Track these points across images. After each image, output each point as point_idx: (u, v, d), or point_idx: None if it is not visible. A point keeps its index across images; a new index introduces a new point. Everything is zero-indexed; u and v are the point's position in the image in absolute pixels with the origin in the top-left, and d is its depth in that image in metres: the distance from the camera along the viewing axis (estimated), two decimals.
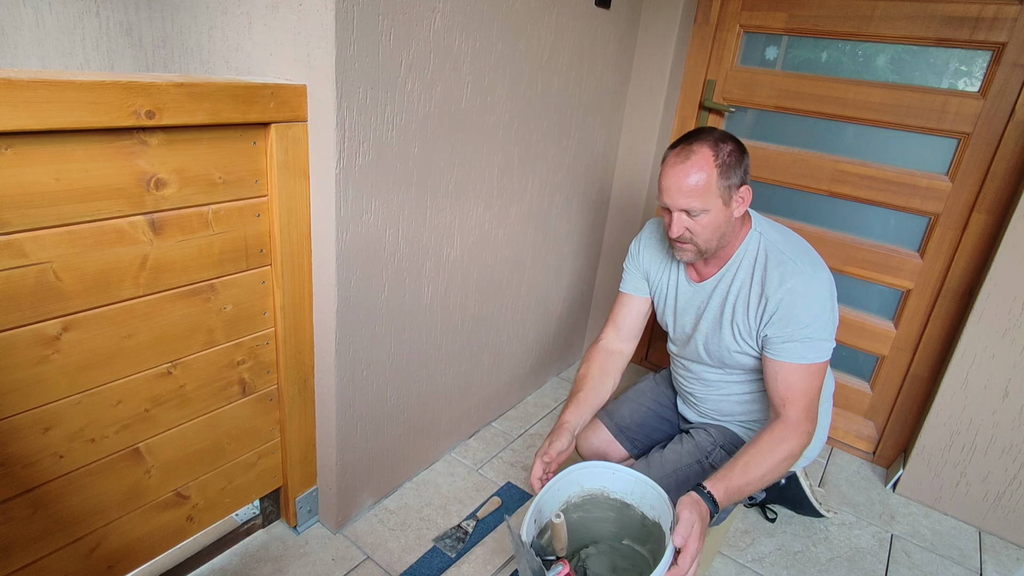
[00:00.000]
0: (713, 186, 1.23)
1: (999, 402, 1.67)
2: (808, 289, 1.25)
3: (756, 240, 1.35)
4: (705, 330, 1.42)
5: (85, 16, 1.55)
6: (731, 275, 1.36)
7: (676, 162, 1.25)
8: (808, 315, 1.25)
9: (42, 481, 1.02)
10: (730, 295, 1.36)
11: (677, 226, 1.28)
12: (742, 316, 1.34)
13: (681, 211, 1.26)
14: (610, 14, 1.85)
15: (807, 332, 1.25)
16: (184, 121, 1.00)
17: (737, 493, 1.21)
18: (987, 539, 1.75)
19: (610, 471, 1.37)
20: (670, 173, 1.25)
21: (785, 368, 1.28)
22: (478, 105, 1.47)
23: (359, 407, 1.46)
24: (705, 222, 1.26)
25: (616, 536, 1.44)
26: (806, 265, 1.28)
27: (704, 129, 1.28)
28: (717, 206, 1.25)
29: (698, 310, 1.43)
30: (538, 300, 2.05)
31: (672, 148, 1.28)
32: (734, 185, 1.25)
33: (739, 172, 1.25)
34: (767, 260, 1.31)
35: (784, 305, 1.26)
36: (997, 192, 1.66)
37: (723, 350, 1.40)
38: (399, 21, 1.19)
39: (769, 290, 1.28)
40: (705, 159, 1.22)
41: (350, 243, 1.27)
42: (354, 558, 1.48)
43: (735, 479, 1.21)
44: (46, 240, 0.92)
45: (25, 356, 0.94)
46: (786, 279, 1.26)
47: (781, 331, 1.27)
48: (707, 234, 1.28)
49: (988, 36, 1.62)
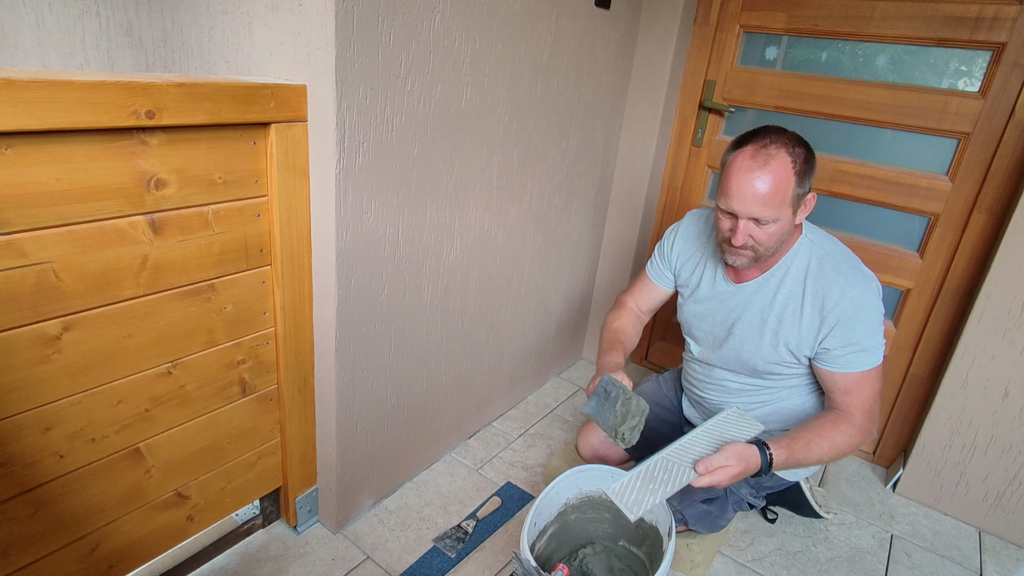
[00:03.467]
0: (789, 195, 1.15)
1: (999, 402, 1.67)
2: (868, 300, 1.23)
3: (807, 248, 1.29)
4: (740, 335, 1.37)
5: (85, 16, 1.55)
6: (776, 281, 1.31)
7: (753, 167, 1.14)
8: (869, 326, 1.23)
9: (42, 481, 1.02)
10: (776, 303, 1.31)
11: (742, 234, 1.19)
12: (791, 327, 1.29)
13: (751, 219, 1.18)
14: (610, 14, 1.85)
15: (868, 342, 1.24)
16: (184, 121, 1.00)
17: (793, 464, 1.23)
18: (987, 539, 1.75)
19: (608, 474, 1.37)
20: (744, 178, 1.14)
21: (848, 378, 1.27)
22: (478, 106, 1.47)
23: (359, 407, 1.47)
24: (772, 231, 1.19)
25: (612, 537, 1.44)
26: (861, 276, 1.25)
27: (773, 129, 1.18)
28: (787, 215, 1.18)
29: (733, 313, 1.38)
30: (538, 300, 2.05)
31: (740, 147, 1.17)
32: (805, 193, 1.19)
33: (811, 178, 1.20)
34: (822, 270, 1.26)
35: (848, 317, 1.22)
36: (997, 192, 1.66)
37: (758, 358, 1.36)
38: (399, 21, 1.19)
39: (830, 301, 1.23)
40: (784, 166, 1.13)
41: (350, 243, 1.27)
42: (354, 558, 1.48)
43: (798, 451, 1.22)
44: (46, 240, 0.92)
45: (25, 356, 0.94)
46: (847, 290, 1.22)
47: (844, 342, 1.24)
48: (770, 242, 1.22)
49: (988, 36, 1.62)
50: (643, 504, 1.13)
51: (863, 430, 1.27)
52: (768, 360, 1.35)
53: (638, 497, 1.15)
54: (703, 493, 1.44)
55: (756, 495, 1.50)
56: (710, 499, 1.45)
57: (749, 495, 1.48)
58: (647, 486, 1.16)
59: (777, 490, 1.54)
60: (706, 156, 2.17)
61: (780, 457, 1.20)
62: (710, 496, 1.45)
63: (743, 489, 1.47)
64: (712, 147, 2.15)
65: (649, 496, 1.15)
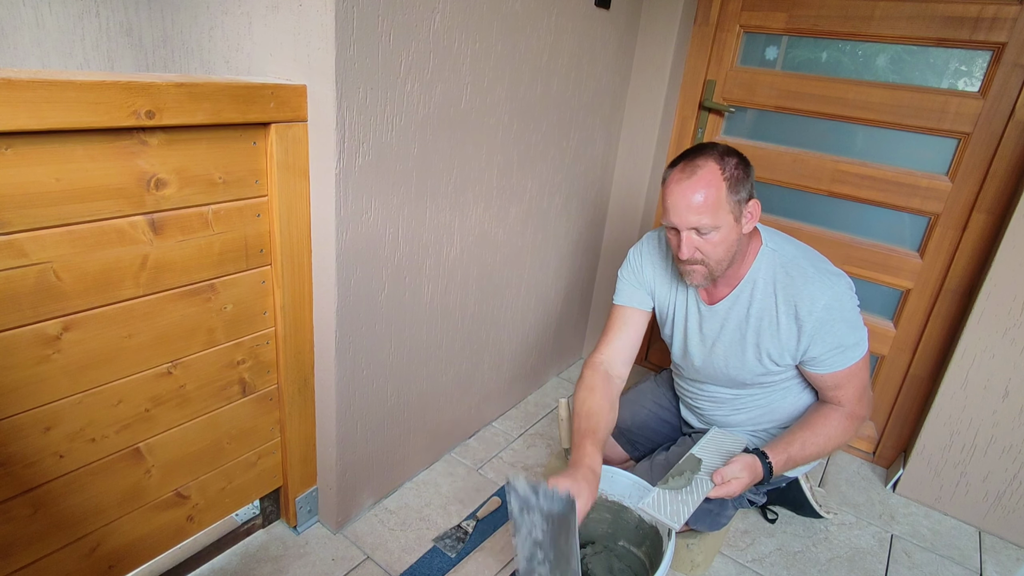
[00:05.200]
0: (723, 201, 1.18)
1: (999, 402, 1.67)
2: (841, 301, 1.24)
3: (769, 257, 1.30)
4: (723, 354, 1.38)
5: (85, 16, 1.55)
6: (747, 295, 1.32)
7: (682, 178, 1.19)
8: (847, 324, 1.25)
9: (43, 481, 1.02)
10: (751, 317, 1.32)
11: (688, 247, 1.21)
12: (771, 339, 1.30)
13: (691, 230, 1.20)
14: (610, 15, 1.85)
15: (850, 339, 1.26)
16: (184, 121, 1.00)
17: (793, 465, 1.29)
18: (987, 539, 1.75)
19: (608, 474, 1.37)
20: (675, 190, 1.19)
21: (837, 376, 1.29)
22: (478, 106, 1.47)
23: (359, 407, 1.47)
24: (716, 240, 1.20)
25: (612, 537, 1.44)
26: (827, 276, 1.26)
27: (704, 145, 1.24)
28: (728, 222, 1.20)
29: (712, 334, 1.39)
30: (538, 299, 2.05)
31: (673, 166, 1.23)
32: (743, 200, 1.21)
33: (747, 186, 1.21)
34: (790, 277, 1.27)
35: (824, 323, 1.24)
36: (997, 192, 1.66)
37: (744, 373, 1.38)
38: (399, 22, 1.19)
39: (803, 311, 1.25)
40: (712, 173, 1.17)
41: (350, 243, 1.27)
42: (354, 558, 1.48)
43: (795, 452, 1.28)
44: (46, 240, 0.92)
45: (25, 356, 0.94)
46: (817, 297, 1.23)
47: (826, 347, 1.26)
48: (719, 253, 1.22)
49: (988, 36, 1.62)
50: (681, 514, 1.21)
51: (856, 417, 1.31)
52: (754, 373, 1.37)
53: (676, 508, 1.23)
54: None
55: (756, 492, 1.50)
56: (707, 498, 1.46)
57: (749, 492, 1.49)
58: (678, 499, 1.26)
59: (777, 486, 1.54)
60: None
61: (779, 462, 1.26)
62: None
63: None
64: None
65: (682, 507, 1.23)
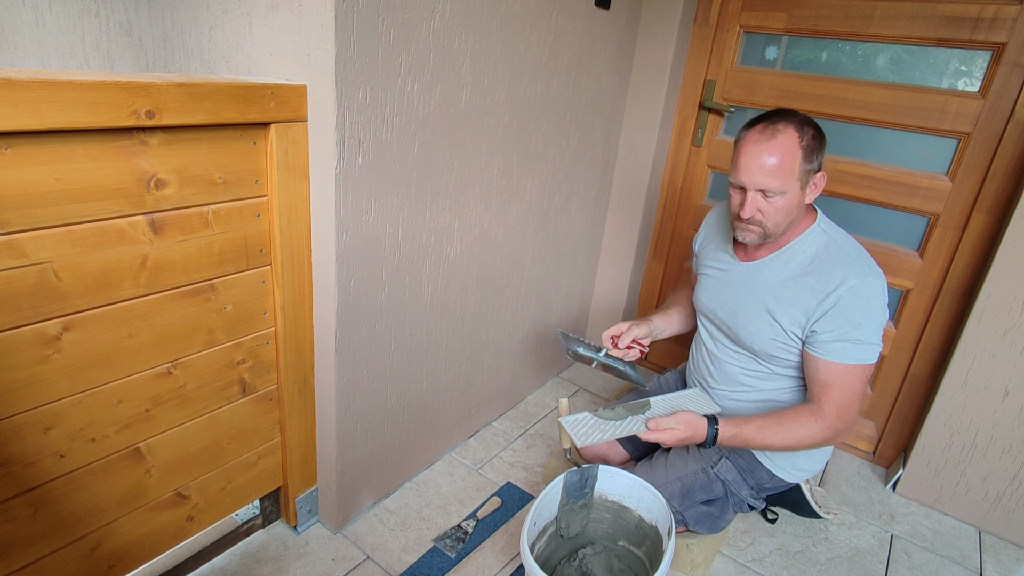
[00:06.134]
0: (796, 168, 1.20)
1: (999, 402, 1.67)
2: (869, 292, 1.24)
3: (818, 235, 1.32)
4: (743, 313, 1.40)
5: (85, 16, 1.55)
6: (783, 261, 1.33)
7: (760, 139, 1.20)
8: (863, 317, 1.24)
9: (43, 481, 1.02)
10: (779, 283, 1.33)
11: (751, 206, 1.24)
12: (787, 306, 1.31)
13: (758, 191, 1.23)
14: (610, 15, 1.85)
15: (858, 334, 1.24)
16: (184, 121, 1.00)
17: (741, 444, 1.30)
18: (987, 539, 1.75)
19: (609, 474, 1.38)
20: (752, 150, 1.21)
21: (831, 367, 1.27)
22: (478, 106, 1.47)
23: (359, 407, 1.47)
24: (779, 204, 1.23)
25: (612, 537, 1.44)
26: (869, 269, 1.26)
27: (786, 110, 1.25)
28: (795, 189, 1.22)
29: (739, 290, 1.41)
30: (538, 299, 2.05)
31: (751, 126, 1.24)
32: (813, 170, 1.24)
33: (820, 157, 1.24)
34: (828, 257, 1.28)
35: (842, 303, 1.23)
36: (997, 192, 1.66)
37: (756, 337, 1.38)
38: (399, 21, 1.19)
39: (829, 287, 1.25)
40: (790, 139, 1.19)
41: (350, 243, 1.27)
42: (354, 558, 1.48)
43: (746, 432, 1.29)
44: (46, 240, 0.92)
45: (26, 356, 0.94)
46: (849, 278, 1.24)
47: (832, 329, 1.25)
48: (778, 217, 1.25)
49: (988, 36, 1.62)
50: (591, 438, 1.29)
51: (830, 427, 1.27)
52: (765, 337, 1.36)
53: (588, 432, 1.30)
54: (703, 494, 1.44)
55: (756, 496, 1.50)
56: (710, 500, 1.46)
57: (749, 496, 1.49)
58: (599, 426, 1.33)
59: (778, 491, 1.54)
60: (706, 156, 2.17)
61: (726, 434, 1.29)
62: (710, 497, 1.45)
63: (743, 490, 1.47)
64: (712, 147, 2.15)
65: (598, 433, 1.30)
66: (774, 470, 1.47)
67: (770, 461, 1.46)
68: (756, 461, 1.47)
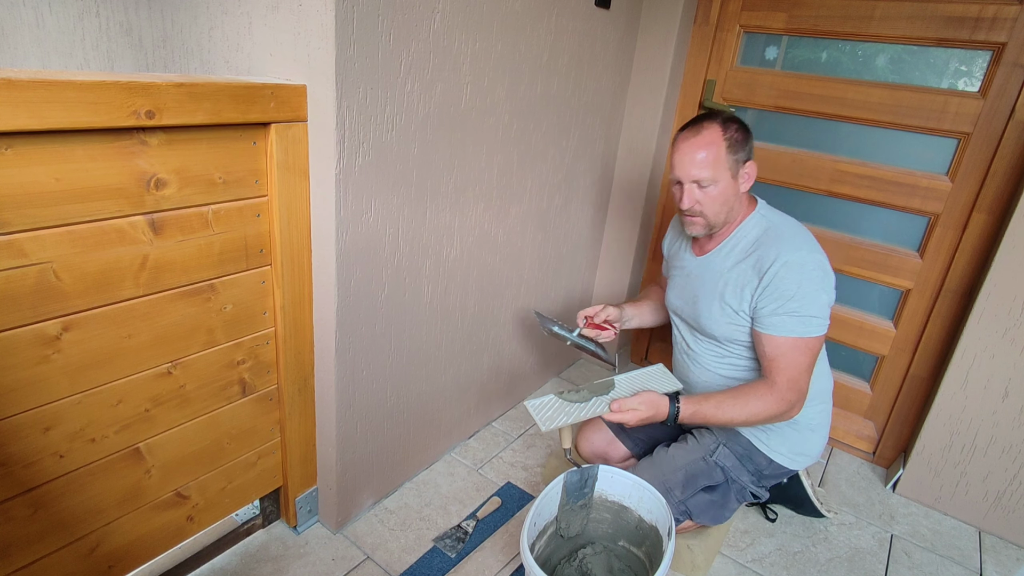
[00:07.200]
0: (723, 159, 1.32)
1: (999, 402, 1.67)
2: (803, 266, 1.30)
3: (758, 221, 1.41)
4: (703, 303, 1.47)
5: (85, 16, 1.55)
6: (728, 250, 1.43)
7: (688, 136, 1.35)
8: (799, 290, 1.29)
9: (42, 481, 1.02)
10: (726, 271, 1.41)
11: (688, 198, 1.35)
12: (735, 290, 1.39)
13: (692, 183, 1.34)
14: (610, 15, 1.85)
15: (796, 306, 1.30)
16: (184, 121, 1.00)
17: (701, 420, 1.36)
18: (987, 539, 1.75)
19: (609, 474, 1.38)
20: (682, 147, 1.34)
21: (774, 341, 1.33)
22: (478, 106, 1.47)
23: (359, 407, 1.47)
24: (715, 194, 1.34)
25: (612, 537, 1.44)
26: (803, 244, 1.33)
27: (710, 111, 1.37)
28: (726, 179, 1.33)
29: (697, 282, 1.49)
30: (538, 299, 2.05)
31: (682, 130, 1.38)
32: (741, 160, 1.34)
33: (746, 149, 1.34)
34: (766, 238, 1.37)
35: (778, 279, 1.30)
36: (997, 192, 1.66)
37: (713, 323, 1.44)
38: (399, 21, 1.19)
39: (764, 264, 1.33)
40: (714, 134, 1.32)
41: (350, 243, 1.27)
42: (354, 558, 1.48)
43: (705, 409, 1.36)
44: (46, 240, 0.92)
45: (25, 356, 0.94)
46: (782, 255, 1.31)
47: (772, 304, 1.31)
48: (716, 206, 1.35)
49: (988, 36, 1.62)
50: (556, 421, 1.31)
51: (783, 399, 1.32)
52: (722, 323, 1.42)
53: (553, 415, 1.33)
54: (705, 480, 1.47)
55: (758, 483, 1.51)
56: (712, 487, 1.48)
57: (751, 482, 1.50)
58: (564, 409, 1.35)
59: (779, 479, 1.54)
60: None
61: (687, 411, 1.35)
62: (712, 483, 1.47)
63: (743, 476, 1.49)
64: None
65: (563, 416, 1.32)
66: (771, 455, 1.48)
67: (766, 446, 1.48)
68: (752, 447, 1.49)
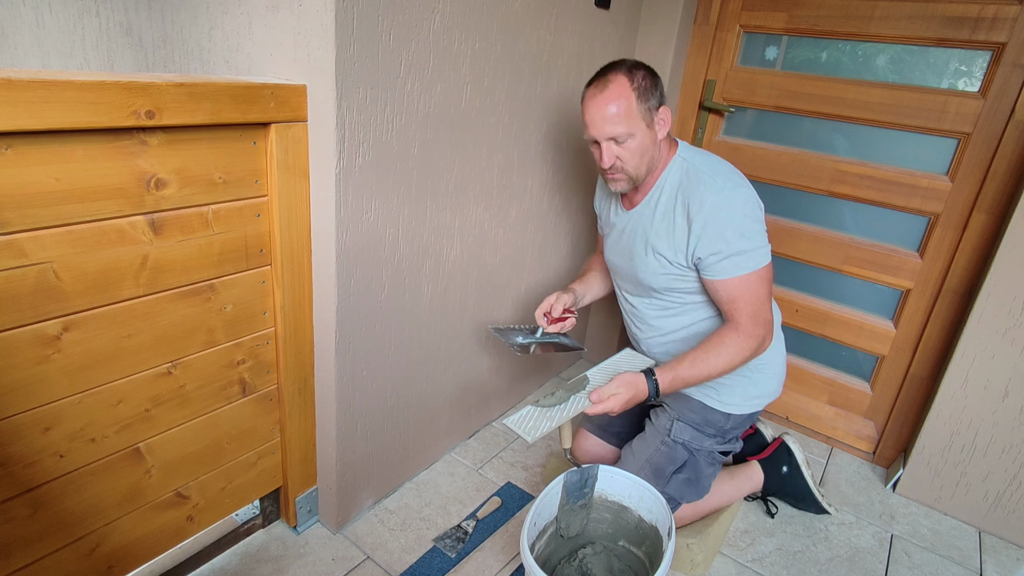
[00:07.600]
0: (634, 110, 1.27)
1: (999, 402, 1.67)
2: (730, 204, 1.28)
3: (679, 165, 1.37)
4: (637, 256, 1.45)
5: (85, 16, 1.55)
6: (655, 200, 1.39)
7: (595, 93, 1.28)
8: (733, 230, 1.27)
9: (42, 481, 1.02)
10: (655, 220, 1.38)
11: (608, 155, 1.30)
12: (666, 239, 1.36)
13: (609, 140, 1.29)
14: (610, 15, 1.85)
15: (737, 246, 1.27)
16: (184, 121, 1.00)
17: (682, 384, 1.33)
18: (987, 539, 1.75)
19: (609, 474, 1.38)
20: (591, 105, 1.29)
21: (727, 284, 1.31)
22: (478, 105, 1.47)
23: (359, 407, 1.47)
24: (633, 147, 1.30)
25: (612, 537, 1.44)
26: (725, 182, 1.30)
27: (614, 62, 1.32)
28: (641, 129, 1.29)
29: (629, 237, 1.47)
30: (538, 300, 2.04)
31: (589, 85, 1.31)
32: (653, 107, 1.30)
33: (656, 94, 1.30)
34: (688, 182, 1.33)
35: (709, 224, 1.28)
36: (997, 192, 1.66)
37: (648, 275, 1.42)
38: (399, 21, 1.19)
39: (692, 211, 1.30)
40: (622, 85, 1.26)
41: (350, 243, 1.27)
42: (354, 558, 1.48)
43: (682, 371, 1.32)
44: (46, 240, 0.92)
45: (25, 356, 0.94)
46: (707, 197, 1.29)
47: (712, 250, 1.29)
48: (636, 159, 1.31)
49: (988, 36, 1.62)
50: (540, 429, 1.27)
51: (751, 336, 1.31)
52: (657, 273, 1.40)
53: (535, 424, 1.29)
54: (671, 465, 1.46)
55: (724, 442, 1.51)
56: (679, 468, 1.47)
57: (716, 444, 1.49)
58: (545, 415, 1.31)
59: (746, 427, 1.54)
60: None
61: (665, 380, 1.31)
62: (678, 465, 1.47)
63: (706, 443, 1.48)
64: (712, 147, 2.15)
65: (546, 423, 1.29)
66: (726, 409, 1.46)
67: (719, 402, 1.46)
68: (707, 407, 1.47)
